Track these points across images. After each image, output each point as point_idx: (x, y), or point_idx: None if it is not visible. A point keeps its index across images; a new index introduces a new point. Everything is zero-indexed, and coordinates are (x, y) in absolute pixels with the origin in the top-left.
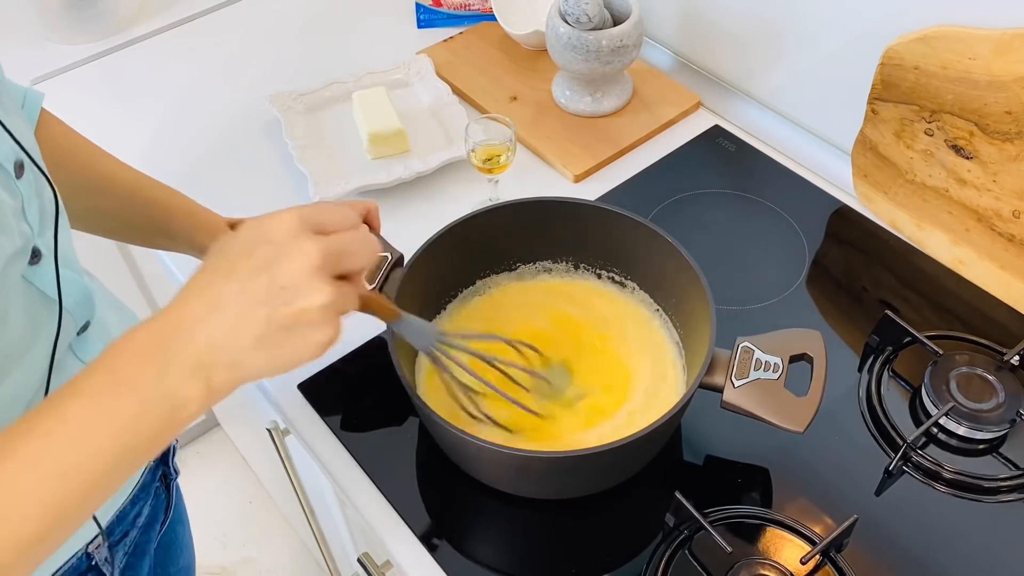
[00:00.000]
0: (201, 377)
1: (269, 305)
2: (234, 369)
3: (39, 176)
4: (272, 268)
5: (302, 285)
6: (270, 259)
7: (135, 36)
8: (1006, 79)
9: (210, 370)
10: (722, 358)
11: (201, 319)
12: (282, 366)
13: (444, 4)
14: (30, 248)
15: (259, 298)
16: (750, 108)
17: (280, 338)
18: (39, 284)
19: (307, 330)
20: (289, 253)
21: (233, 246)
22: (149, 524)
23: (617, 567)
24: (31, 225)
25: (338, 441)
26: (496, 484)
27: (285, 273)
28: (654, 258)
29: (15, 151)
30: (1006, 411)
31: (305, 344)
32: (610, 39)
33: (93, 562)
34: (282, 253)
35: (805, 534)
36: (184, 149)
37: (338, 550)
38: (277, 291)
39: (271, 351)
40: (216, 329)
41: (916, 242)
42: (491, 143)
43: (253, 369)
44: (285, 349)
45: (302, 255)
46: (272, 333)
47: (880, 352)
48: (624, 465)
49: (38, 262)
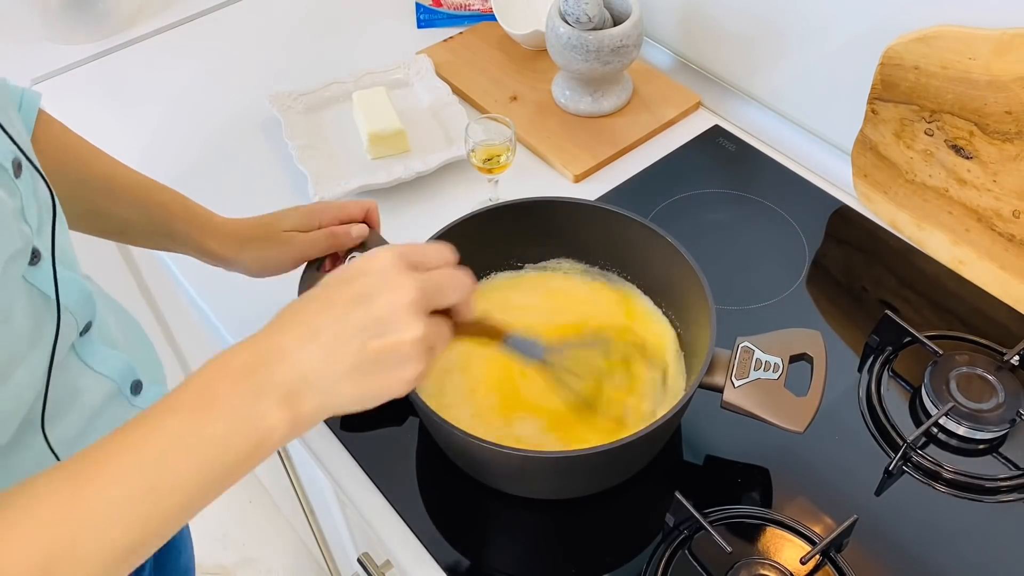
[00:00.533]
0: (291, 405)
1: (363, 336)
2: (323, 398)
3: (36, 176)
4: (369, 300)
5: (397, 319)
6: (368, 291)
7: (135, 36)
8: (1006, 79)
9: (300, 398)
10: (722, 358)
11: (296, 346)
12: (370, 399)
13: (444, 4)
14: (30, 248)
15: (354, 329)
16: (750, 108)
17: (371, 370)
18: (39, 285)
19: (398, 364)
20: (386, 287)
21: (334, 279)
22: None
23: (617, 567)
24: (30, 225)
25: (338, 441)
26: (496, 484)
27: (381, 306)
28: (654, 258)
29: (12, 150)
30: (1006, 411)
31: (394, 378)
32: (610, 39)
33: None
34: (379, 286)
35: (805, 534)
36: (184, 149)
37: (338, 550)
38: (372, 323)
39: (361, 382)
40: (310, 357)
41: (916, 242)
42: (491, 143)
43: (341, 400)
44: (375, 382)
45: (399, 289)
46: (364, 364)
47: (880, 352)
48: (624, 465)
49: (38, 263)
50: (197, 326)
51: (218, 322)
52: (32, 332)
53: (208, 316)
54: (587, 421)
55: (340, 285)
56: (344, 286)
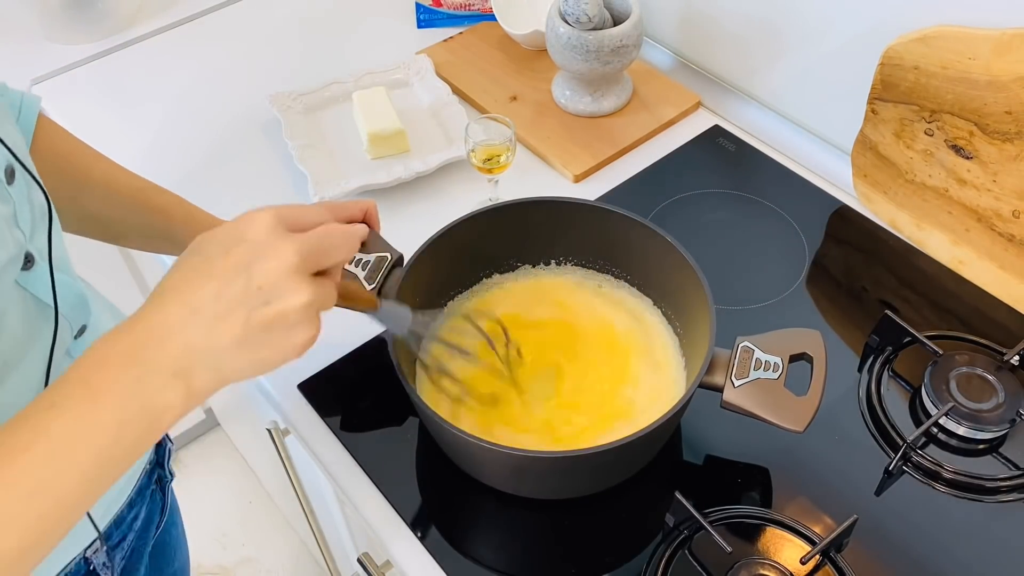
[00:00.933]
0: (181, 382)
1: (247, 307)
2: (215, 372)
3: (30, 181)
4: (249, 268)
5: (280, 285)
6: (247, 259)
7: (135, 36)
8: (1006, 79)
9: (189, 374)
10: (722, 358)
11: (178, 323)
12: (264, 367)
13: (444, 4)
14: (23, 254)
15: (237, 300)
16: (750, 108)
17: (260, 339)
18: (33, 289)
19: (288, 331)
20: (266, 253)
21: (209, 245)
22: (145, 527)
23: (617, 567)
24: (23, 231)
25: (338, 441)
26: (496, 484)
27: (262, 273)
28: (654, 258)
29: (6, 157)
30: (1006, 411)
31: (286, 344)
32: (610, 39)
33: (91, 567)
34: (259, 253)
35: (805, 534)
36: (184, 149)
37: (338, 550)
38: (255, 292)
39: (252, 353)
40: (194, 333)
41: (916, 242)
42: (491, 143)
43: (234, 371)
44: (266, 350)
45: (279, 254)
46: (252, 335)
47: (880, 352)
48: (624, 465)
49: (31, 267)
50: None
51: None
52: (26, 337)
53: None
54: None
55: (218, 255)
56: (222, 255)
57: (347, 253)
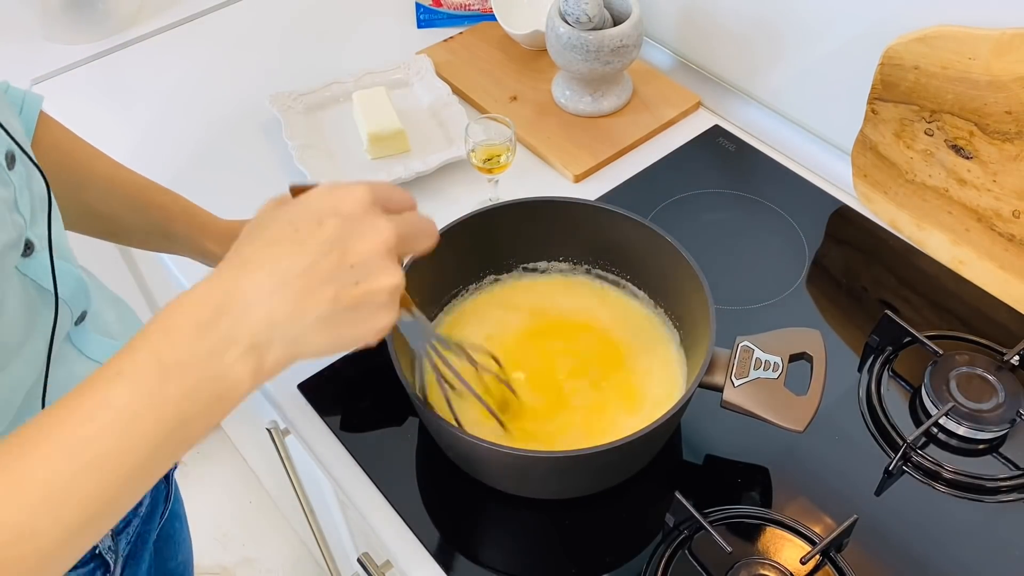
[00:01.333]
0: (254, 356)
1: (337, 283)
2: (291, 347)
3: (31, 168)
4: (344, 244)
5: (374, 265)
6: (342, 234)
7: (135, 36)
8: (1006, 79)
9: (265, 349)
10: (722, 357)
11: (262, 294)
12: (339, 347)
13: (444, 4)
14: (23, 240)
15: (328, 275)
16: (750, 108)
17: (345, 318)
18: (33, 275)
19: (372, 311)
20: (362, 230)
21: (300, 213)
22: (150, 514)
23: (617, 567)
24: (23, 216)
25: (338, 441)
26: (496, 484)
27: (358, 251)
28: (654, 258)
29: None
30: (1006, 411)
31: (368, 326)
32: (610, 39)
33: (97, 551)
34: (355, 229)
35: (805, 534)
36: (183, 149)
37: (338, 550)
38: (347, 269)
39: (332, 331)
40: (278, 306)
41: (916, 242)
42: (491, 143)
43: (310, 349)
44: (348, 329)
45: (377, 233)
46: (338, 313)
47: (880, 352)
48: (624, 465)
49: (31, 254)
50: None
51: None
52: (26, 322)
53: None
54: None
55: (310, 225)
56: (315, 226)
57: (433, 241)
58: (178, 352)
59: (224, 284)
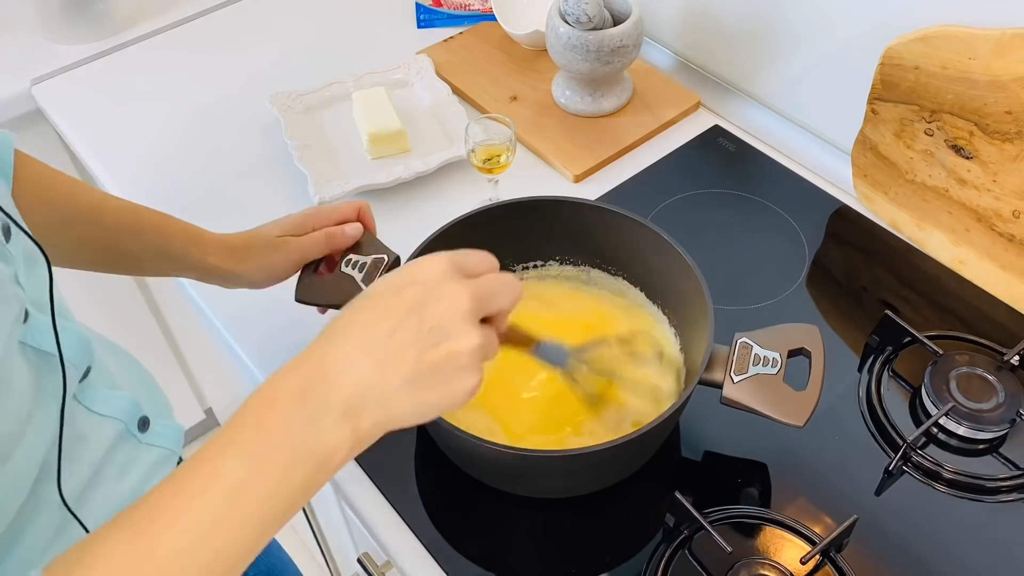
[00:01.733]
0: (350, 422)
1: (419, 346)
2: (382, 412)
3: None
4: (423, 309)
5: (452, 327)
6: (421, 300)
7: (135, 36)
8: (1006, 79)
9: (358, 414)
10: (721, 354)
11: (349, 361)
12: (428, 411)
13: (444, 4)
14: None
15: (409, 339)
16: (750, 108)
17: (429, 381)
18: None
19: (455, 374)
20: (440, 295)
21: (382, 288)
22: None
23: (617, 567)
24: (23, 287)
25: None
26: (495, 483)
27: (436, 315)
28: (654, 258)
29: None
30: (1006, 411)
31: (452, 389)
32: (610, 39)
33: None
34: (433, 295)
35: (805, 534)
36: (184, 149)
37: (338, 550)
38: (427, 332)
39: (419, 394)
40: (365, 371)
41: (916, 242)
42: (491, 143)
43: (400, 413)
44: (433, 393)
45: (453, 297)
46: (421, 375)
47: (880, 352)
48: (623, 463)
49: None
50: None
51: (222, 328)
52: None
53: (213, 323)
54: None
55: (390, 294)
56: (395, 296)
57: (513, 300)
58: (280, 421)
59: (316, 355)
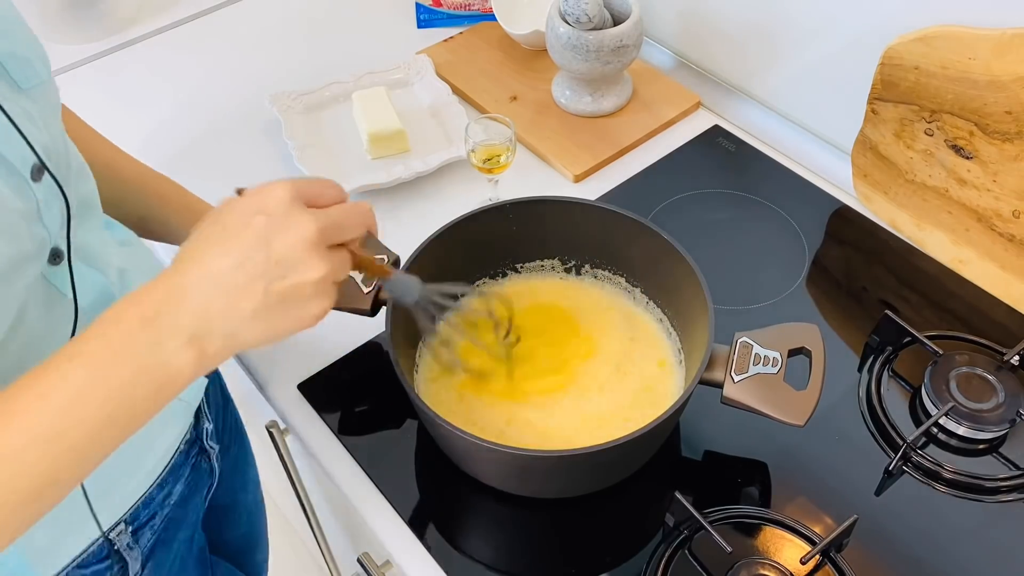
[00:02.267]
0: (195, 347)
1: (266, 279)
2: (229, 339)
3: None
4: (269, 241)
5: (298, 259)
6: (267, 232)
7: (135, 36)
8: (1006, 79)
9: (204, 340)
10: (721, 354)
11: (198, 290)
12: (277, 336)
13: (444, 4)
14: (47, 250)
15: (256, 272)
16: (750, 108)
17: (276, 311)
18: (59, 285)
19: (303, 302)
20: (285, 226)
21: (228, 216)
22: (186, 498)
23: (616, 567)
24: (48, 228)
25: (338, 441)
26: (495, 483)
27: (282, 247)
28: (654, 258)
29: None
30: (1006, 411)
31: (300, 315)
32: (610, 39)
33: (115, 547)
34: (278, 226)
35: (805, 534)
36: (183, 149)
37: (338, 550)
38: (273, 265)
39: (268, 323)
40: (213, 300)
41: (916, 242)
42: (491, 143)
43: (248, 339)
44: (281, 321)
45: (298, 229)
46: (269, 305)
47: (880, 352)
48: (624, 463)
49: (60, 263)
50: None
51: None
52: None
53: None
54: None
55: (238, 226)
56: (242, 227)
57: (361, 230)
58: (126, 339)
59: (166, 282)
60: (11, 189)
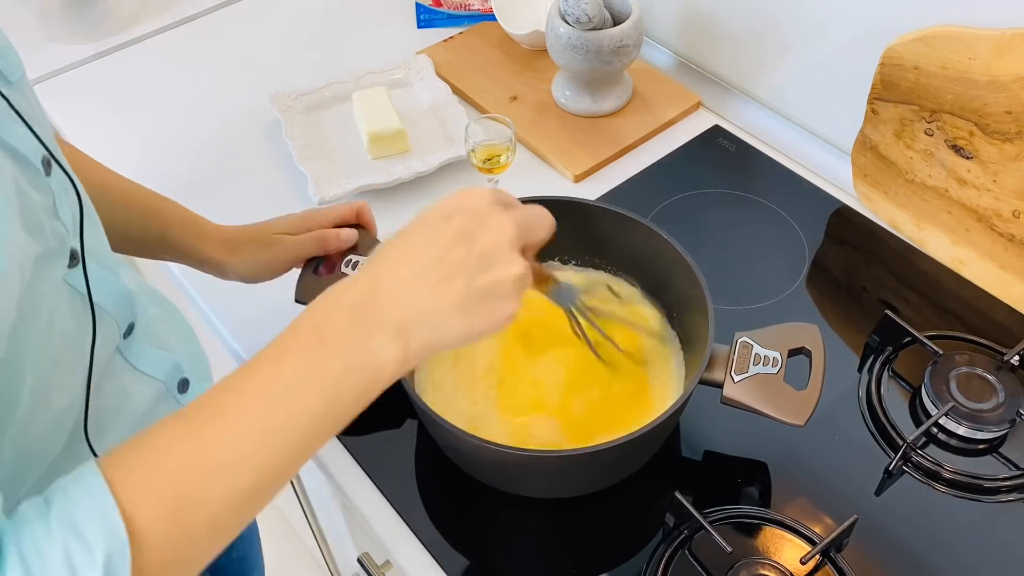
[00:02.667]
0: (401, 340)
1: (468, 272)
2: (431, 334)
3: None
4: (472, 236)
5: (500, 255)
6: (469, 228)
7: (135, 36)
8: (1006, 79)
9: (409, 334)
10: (721, 354)
11: (404, 284)
12: (473, 335)
13: (444, 4)
14: (67, 250)
15: (459, 264)
16: (750, 108)
17: (477, 306)
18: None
19: (500, 300)
20: (486, 224)
21: (429, 215)
22: None
23: (616, 566)
24: (64, 224)
25: (338, 441)
26: (495, 483)
27: (483, 243)
28: (654, 258)
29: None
30: (1006, 411)
31: (496, 314)
32: (610, 39)
33: None
34: (479, 223)
35: (805, 534)
36: (184, 149)
37: (338, 550)
38: (476, 258)
39: (468, 319)
40: (419, 294)
41: (916, 242)
42: (491, 143)
43: (448, 336)
44: (479, 317)
45: (499, 226)
46: (470, 300)
47: (880, 352)
48: (624, 463)
49: (76, 265)
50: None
51: (220, 325)
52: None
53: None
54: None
55: (439, 222)
56: (444, 223)
57: (549, 231)
58: (337, 331)
59: (369, 277)
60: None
